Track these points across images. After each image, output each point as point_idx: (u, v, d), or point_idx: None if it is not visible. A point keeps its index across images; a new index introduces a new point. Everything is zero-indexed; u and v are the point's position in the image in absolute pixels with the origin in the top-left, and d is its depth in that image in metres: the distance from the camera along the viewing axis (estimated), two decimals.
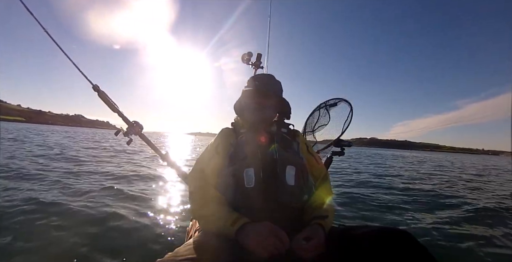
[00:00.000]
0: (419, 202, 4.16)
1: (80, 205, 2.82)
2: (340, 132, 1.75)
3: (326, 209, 0.88)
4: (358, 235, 0.75)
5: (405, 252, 0.66)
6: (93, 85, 1.31)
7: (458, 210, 3.76)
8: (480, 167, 15.27)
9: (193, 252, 0.67)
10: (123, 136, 1.33)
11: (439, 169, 11.69)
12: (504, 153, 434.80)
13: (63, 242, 1.95)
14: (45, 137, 16.61)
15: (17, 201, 2.78)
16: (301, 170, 0.91)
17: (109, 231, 2.20)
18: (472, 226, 3.01)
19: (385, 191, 4.93)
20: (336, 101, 1.84)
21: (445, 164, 17.14)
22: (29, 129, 30.73)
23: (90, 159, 6.98)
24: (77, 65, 1.26)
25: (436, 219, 3.22)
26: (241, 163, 0.89)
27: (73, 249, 1.87)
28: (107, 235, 2.13)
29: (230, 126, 1.12)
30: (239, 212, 0.80)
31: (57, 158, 6.70)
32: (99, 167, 5.71)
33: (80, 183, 3.96)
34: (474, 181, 7.68)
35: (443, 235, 2.66)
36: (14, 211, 2.49)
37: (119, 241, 2.04)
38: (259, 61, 2.22)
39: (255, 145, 0.94)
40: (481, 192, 5.50)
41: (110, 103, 1.34)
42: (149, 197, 3.37)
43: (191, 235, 1.23)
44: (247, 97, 1.05)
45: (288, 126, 1.10)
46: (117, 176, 4.74)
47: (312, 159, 1.03)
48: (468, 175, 9.38)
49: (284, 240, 0.70)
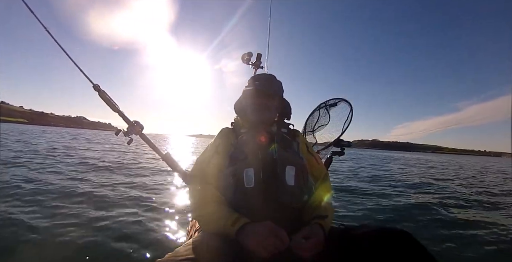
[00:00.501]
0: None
1: (80, 204, 2.83)
2: (340, 132, 1.75)
3: (326, 209, 0.88)
4: (358, 235, 0.75)
5: (405, 252, 0.66)
6: (94, 85, 1.31)
7: (459, 210, 3.76)
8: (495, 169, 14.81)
9: (193, 252, 0.67)
10: (124, 135, 1.33)
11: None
12: (506, 154, 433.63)
13: (63, 242, 1.96)
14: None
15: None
16: (301, 170, 0.91)
17: (109, 231, 2.20)
18: (472, 226, 3.00)
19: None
20: (336, 101, 1.84)
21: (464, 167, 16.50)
22: (45, 132, 30.72)
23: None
24: (78, 65, 1.25)
25: (436, 219, 3.22)
26: (241, 163, 0.89)
27: (72, 249, 1.88)
28: (107, 235, 2.13)
29: (230, 126, 1.12)
30: (239, 212, 0.80)
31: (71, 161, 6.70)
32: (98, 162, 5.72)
33: (80, 182, 3.97)
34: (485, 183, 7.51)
35: (443, 235, 2.66)
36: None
37: (119, 241, 2.04)
38: (259, 61, 2.22)
39: (255, 145, 0.94)
40: (486, 193, 5.48)
41: (110, 103, 1.34)
42: (149, 197, 3.37)
43: (191, 235, 1.23)
44: (247, 97, 1.05)
45: (288, 126, 1.10)
46: (117, 176, 4.74)
47: (312, 159, 1.03)
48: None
49: (284, 240, 0.69)
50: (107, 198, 3.17)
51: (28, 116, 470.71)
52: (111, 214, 2.60)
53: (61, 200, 2.92)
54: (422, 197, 4.57)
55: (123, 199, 3.19)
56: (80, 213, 2.56)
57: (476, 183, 7.37)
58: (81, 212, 2.58)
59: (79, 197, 3.13)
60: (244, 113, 1.09)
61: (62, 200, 2.92)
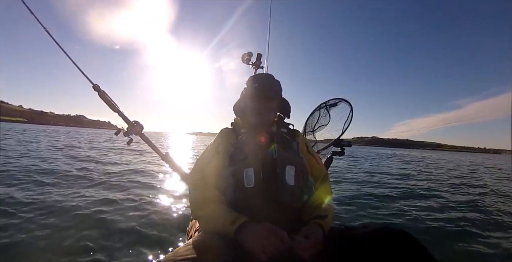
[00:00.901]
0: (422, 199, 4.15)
1: (80, 205, 2.83)
2: (340, 132, 1.75)
3: (326, 209, 0.88)
4: (358, 235, 0.75)
5: (405, 252, 0.66)
6: (94, 85, 1.31)
7: (459, 210, 3.76)
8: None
9: (193, 252, 0.67)
10: (124, 135, 1.34)
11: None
12: (505, 152, 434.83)
13: (63, 242, 1.96)
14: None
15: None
16: (301, 170, 0.91)
17: (109, 231, 2.20)
18: (472, 226, 3.00)
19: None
20: (336, 101, 1.84)
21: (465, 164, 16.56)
22: (47, 131, 30.74)
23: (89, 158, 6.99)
24: (78, 65, 1.26)
25: (437, 219, 3.22)
26: (241, 163, 0.89)
27: (72, 249, 1.88)
28: (107, 235, 2.13)
29: (230, 127, 1.12)
30: (239, 212, 0.80)
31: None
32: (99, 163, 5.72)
33: (78, 182, 3.97)
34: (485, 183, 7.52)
35: (443, 235, 2.66)
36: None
37: (120, 241, 2.04)
38: (259, 61, 2.22)
39: (255, 145, 0.94)
40: (487, 193, 5.47)
41: (110, 103, 1.34)
42: (149, 197, 3.37)
43: (191, 235, 1.23)
44: (247, 100, 1.04)
45: (288, 126, 1.10)
46: (117, 176, 4.74)
47: (312, 159, 1.03)
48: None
49: (284, 239, 0.70)
50: (106, 198, 3.17)
51: (28, 116, 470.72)
52: (111, 214, 2.60)
53: (55, 202, 2.92)
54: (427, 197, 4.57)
55: (123, 199, 3.19)
56: (78, 213, 2.56)
57: (477, 183, 7.36)
58: (79, 212, 2.58)
59: (76, 196, 3.13)
60: (244, 114, 1.09)
61: (56, 202, 2.92)
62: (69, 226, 2.24)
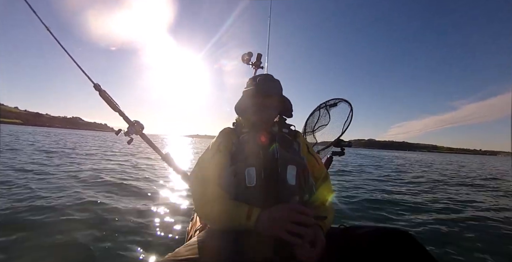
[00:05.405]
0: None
1: (79, 205, 2.82)
2: (340, 132, 1.75)
3: (326, 209, 0.88)
4: (358, 235, 0.75)
5: (405, 252, 0.67)
6: (94, 84, 1.31)
7: (459, 210, 3.77)
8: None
9: (193, 253, 0.67)
10: (124, 135, 1.34)
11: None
12: (502, 153, 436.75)
13: (62, 242, 1.95)
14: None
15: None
16: (302, 170, 0.91)
17: (109, 232, 2.20)
18: (472, 226, 3.01)
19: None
20: (336, 101, 1.84)
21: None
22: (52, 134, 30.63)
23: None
24: (79, 64, 1.25)
25: (437, 219, 3.23)
26: (242, 162, 0.89)
27: (72, 249, 1.88)
28: (107, 235, 2.13)
29: (232, 126, 1.12)
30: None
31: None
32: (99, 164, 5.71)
33: (76, 182, 3.97)
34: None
35: (443, 235, 2.67)
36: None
37: (120, 241, 2.04)
38: (259, 61, 2.22)
39: (256, 145, 0.94)
40: (486, 194, 5.49)
41: (111, 103, 1.34)
42: (149, 197, 3.37)
43: (191, 235, 1.23)
44: (247, 97, 1.05)
45: (289, 127, 1.10)
46: (117, 176, 4.74)
47: (312, 159, 1.03)
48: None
49: (307, 213, 0.70)
50: (106, 198, 3.17)
51: (23, 117, 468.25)
52: (111, 214, 2.60)
53: (58, 201, 2.92)
54: (424, 197, 4.58)
55: (122, 199, 3.19)
56: (78, 214, 2.55)
57: (478, 183, 7.39)
58: (79, 213, 2.58)
59: (76, 196, 3.12)
60: (245, 113, 1.09)
61: (60, 201, 2.92)
62: (69, 226, 2.24)
